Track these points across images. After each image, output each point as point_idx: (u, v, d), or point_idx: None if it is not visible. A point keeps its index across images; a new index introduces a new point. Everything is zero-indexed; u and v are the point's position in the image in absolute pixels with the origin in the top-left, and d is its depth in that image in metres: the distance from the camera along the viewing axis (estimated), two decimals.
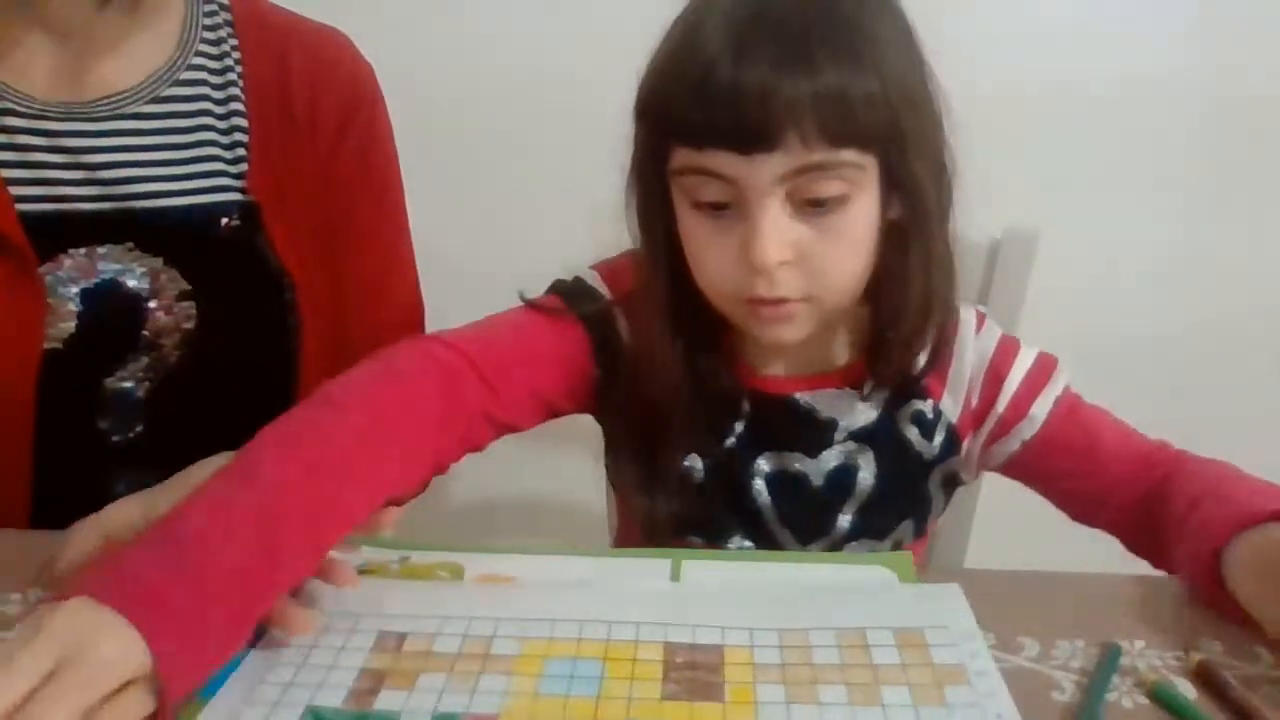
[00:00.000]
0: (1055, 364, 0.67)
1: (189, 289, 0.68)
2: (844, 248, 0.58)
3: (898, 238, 0.60)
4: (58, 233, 0.65)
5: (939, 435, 0.66)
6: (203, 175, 0.68)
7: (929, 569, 0.78)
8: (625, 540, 0.78)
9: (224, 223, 0.68)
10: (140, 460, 0.69)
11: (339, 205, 0.72)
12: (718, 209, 0.57)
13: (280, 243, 0.69)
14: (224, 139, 0.69)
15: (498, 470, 0.90)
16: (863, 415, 0.66)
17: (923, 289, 0.61)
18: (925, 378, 0.65)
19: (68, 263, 0.66)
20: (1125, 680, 0.48)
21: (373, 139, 0.74)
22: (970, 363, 0.66)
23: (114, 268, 0.66)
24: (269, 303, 0.70)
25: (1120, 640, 0.51)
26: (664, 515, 0.65)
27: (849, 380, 0.66)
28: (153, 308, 0.67)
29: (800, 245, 0.56)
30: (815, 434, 0.66)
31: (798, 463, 0.66)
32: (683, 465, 0.65)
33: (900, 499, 0.67)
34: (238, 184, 0.69)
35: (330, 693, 0.46)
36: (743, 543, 0.65)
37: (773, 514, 0.66)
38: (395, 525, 0.58)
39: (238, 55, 0.70)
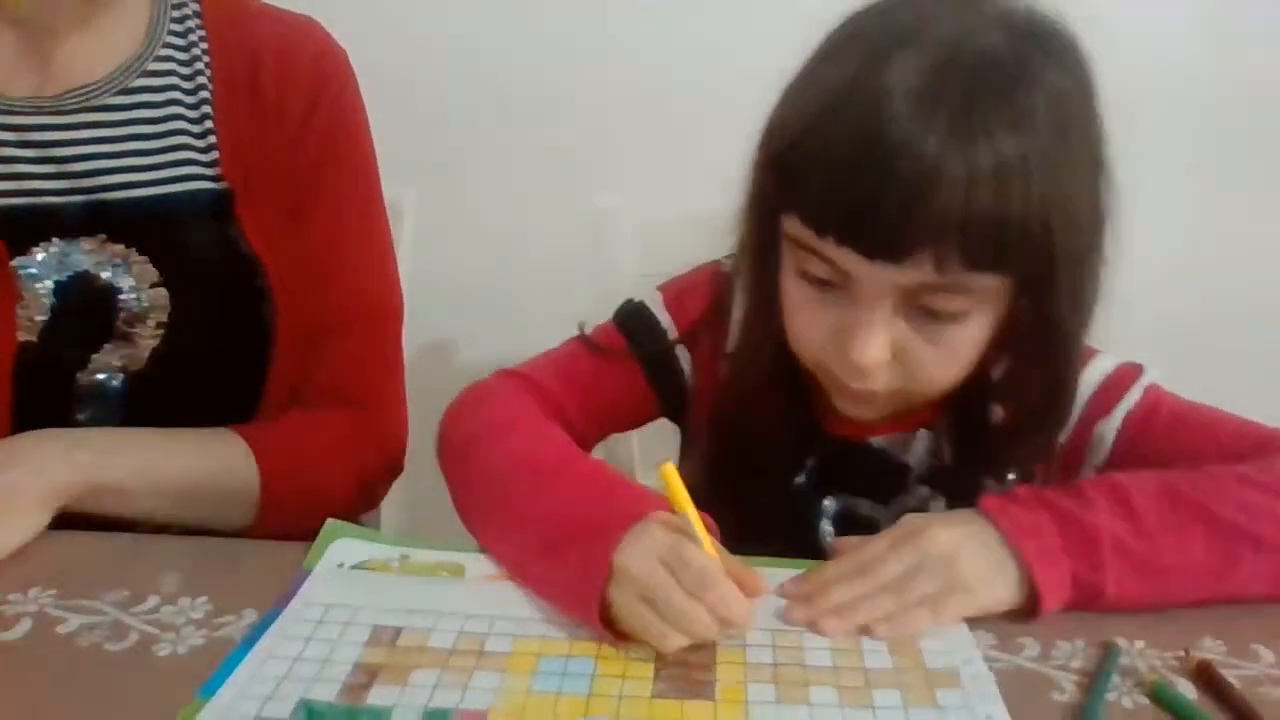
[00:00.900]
0: (1132, 376, 0.62)
1: (162, 279, 0.68)
2: (947, 357, 0.55)
3: (1024, 336, 0.55)
4: (29, 226, 0.66)
5: (1012, 474, 0.63)
6: (174, 165, 0.68)
7: None
8: None
9: (197, 211, 0.69)
10: None
11: (307, 187, 0.72)
12: (823, 284, 0.54)
13: (252, 230, 0.69)
14: (195, 127, 0.69)
15: None
16: (936, 458, 0.64)
17: (1044, 394, 0.57)
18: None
19: (40, 256, 0.66)
20: (1125, 680, 0.48)
21: (341, 121, 0.73)
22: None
23: (87, 259, 0.67)
24: (242, 290, 0.70)
25: (1120, 640, 0.50)
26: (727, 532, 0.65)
27: (927, 421, 0.63)
28: (126, 299, 0.68)
29: (901, 345, 0.54)
30: (888, 479, 0.64)
31: (867, 508, 0.65)
32: (752, 492, 0.64)
33: None
34: (210, 172, 0.69)
35: (324, 686, 0.46)
36: None
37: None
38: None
39: (205, 45, 0.71)
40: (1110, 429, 0.62)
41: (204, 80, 0.70)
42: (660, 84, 1.15)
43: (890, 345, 0.53)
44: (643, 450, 0.91)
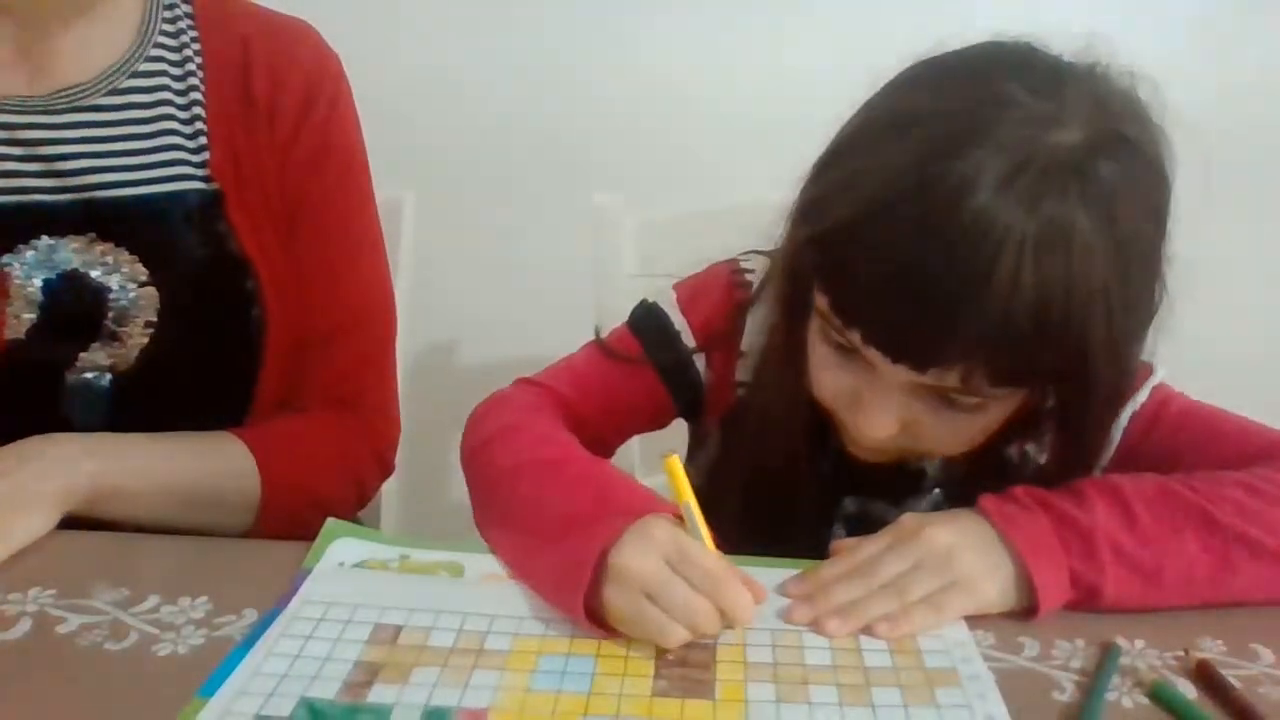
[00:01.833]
0: (1141, 376, 0.61)
1: (151, 278, 0.68)
2: (960, 436, 0.55)
3: (1056, 420, 0.56)
4: (18, 224, 0.66)
5: (1028, 475, 0.62)
6: (164, 164, 0.68)
7: None
8: None
9: (187, 211, 0.68)
10: None
11: (299, 191, 0.72)
12: (845, 349, 0.54)
13: (242, 230, 0.69)
14: (185, 128, 0.69)
15: None
16: (950, 463, 0.64)
17: (1072, 456, 0.57)
18: None
19: (29, 254, 0.66)
20: (1125, 680, 0.48)
21: (334, 127, 0.73)
22: None
23: (75, 258, 0.67)
24: (231, 290, 0.70)
25: (1120, 640, 0.50)
26: (738, 533, 0.64)
27: None
28: (114, 298, 0.68)
29: (912, 419, 0.54)
30: (904, 482, 0.64)
31: (882, 511, 0.65)
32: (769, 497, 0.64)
33: None
34: (200, 172, 0.69)
35: (325, 684, 0.46)
36: None
37: None
38: None
39: (197, 46, 0.70)
40: (1117, 429, 0.61)
41: (195, 82, 0.70)
42: (660, 83, 1.15)
43: (899, 422, 0.54)
44: (644, 450, 0.91)
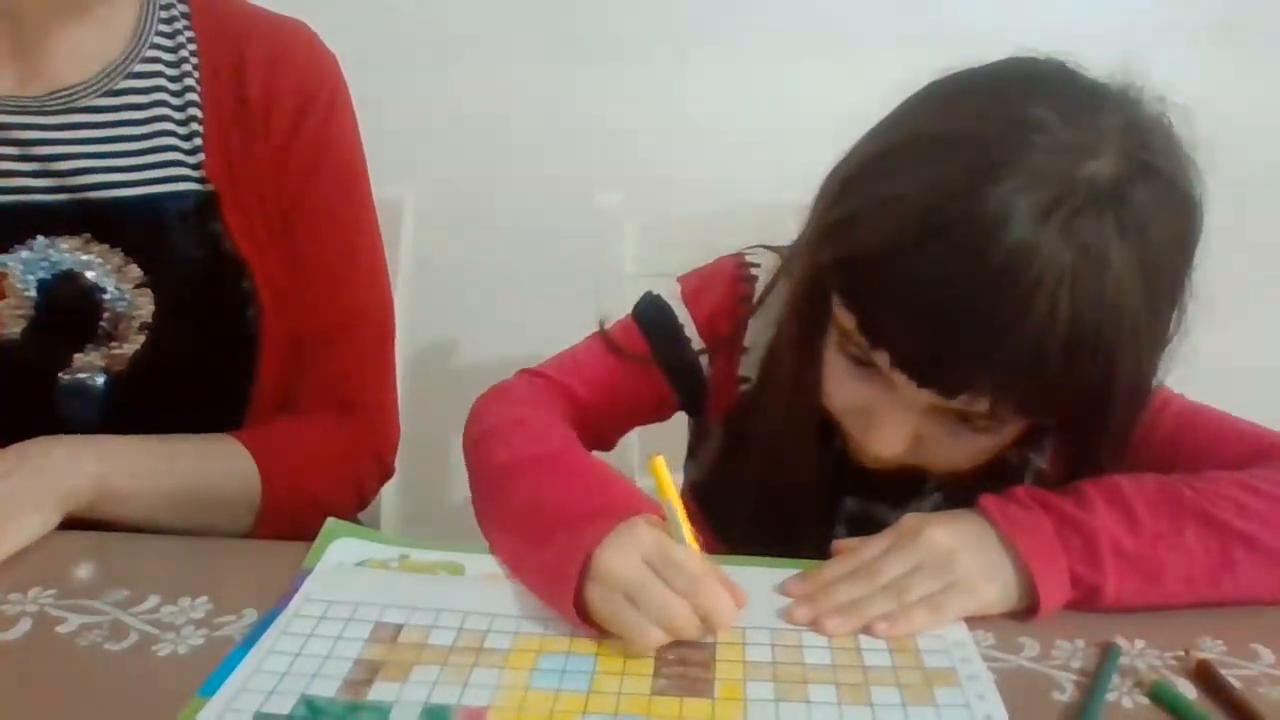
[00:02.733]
0: None
1: (146, 279, 0.68)
2: (969, 454, 0.55)
3: (1072, 443, 0.56)
4: (13, 224, 0.66)
5: (1028, 479, 0.62)
6: (159, 165, 0.68)
7: None
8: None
9: (182, 212, 0.68)
10: None
11: (296, 193, 0.72)
12: (862, 363, 0.54)
13: (237, 231, 0.69)
14: (180, 129, 0.69)
15: None
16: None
17: (1086, 467, 0.56)
18: None
19: (24, 254, 0.66)
20: (1125, 680, 0.48)
21: (330, 127, 0.73)
22: None
23: (70, 258, 0.67)
24: (227, 291, 0.70)
25: (1120, 640, 0.50)
26: (740, 532, 0.64)
27: None
28: (109, 298, 0.67)
29: (924, 436, 0.54)
30: (905, 484, 0.64)
31: (882, 512, 0.65)
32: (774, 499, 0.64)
33: None
34: (195, 173, 0.69)
35: (325, 682, 0.46)
36: None
37: None
38: None
39: (194, 47, 0.70)
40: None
41: (191, 83, 0.70)
42: (661, 83, 1.15)
43: (911, 439, 0.54)
44: (643, 449, 0.92)
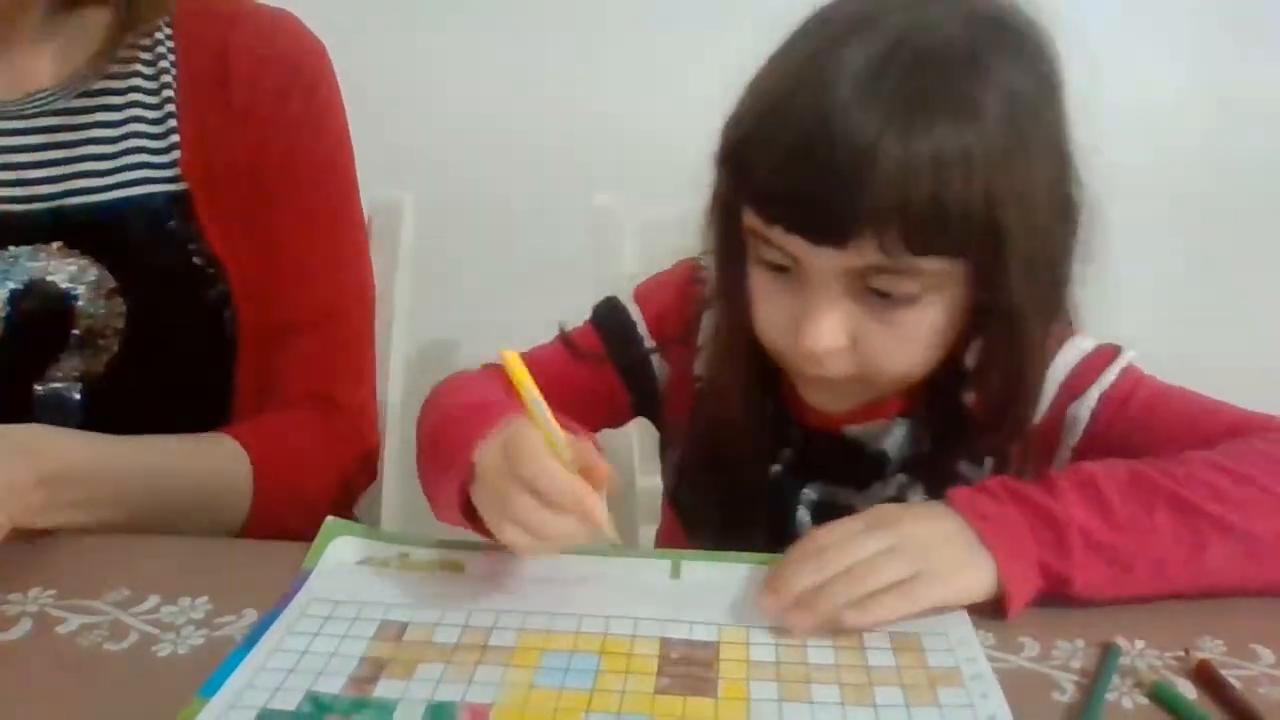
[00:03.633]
0: (1109, 357, 0.62)
1: (119, 286, 0.67)
2: (905, 343, 0.55)
3: (988, 322, 0.56)
4: None
5: (988, 460, 0.63)
6: (132, 168, 0.68)
7: None
8: (668, 537, 0.76)
9: (153, 216, 0.68)
10: None
11: (275, 179, 0.70)
12: (780, 269, 0.55)
13: (212, 232, 0.68)
14: (155, 129, 0.68)
15: None
16: (913, 446, 0.64)
17: (1007, 383, 0.57)
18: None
19: None
20: (1125, 680, 0.48)
21: (313, 113, 0.72)
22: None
23: (42, 267, 0.66)
24: (202, 295, 0.69)
25: (1120, 640, 0.50)
26: (709, 526, 0.64)
27: (902, 409, 0.63)
28: (83, 306, 0.67)
29: (856, 332, 0.54)
30: (865, 467, 0.64)
31: (846, 496, 0.65)
32: (731, 485, 0.64)
33: None
34: (168, 173, 0.68)
35: (331, 679, 0.46)
36: None
37: None
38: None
39: (171, 44, 0.69)
40: (1084, 410, 0.61)
41: (169, 78, 0.69)
42: (662, 83, 1.15)
43: (844, 331, 0.53)
44: (642, 448, 0.92)
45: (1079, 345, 0.62)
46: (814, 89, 0.50)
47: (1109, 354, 0.62)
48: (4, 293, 0.66)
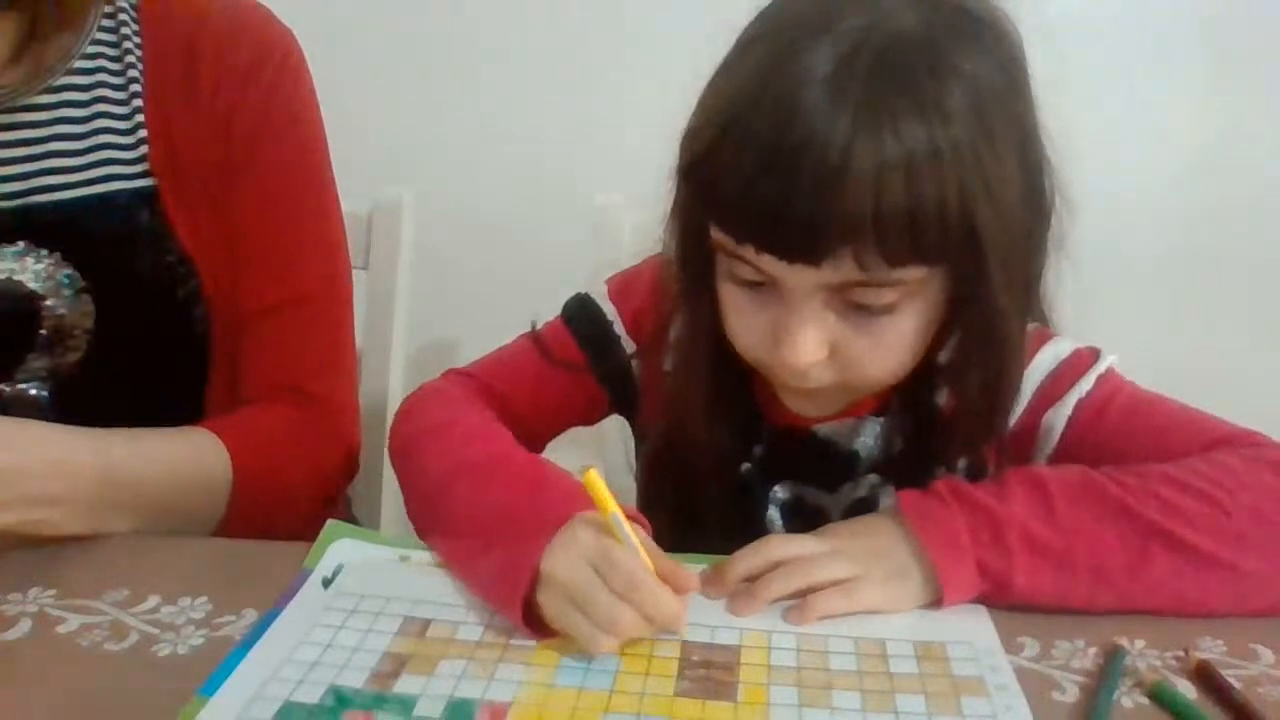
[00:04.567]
0: (1088, 362, 0.61)
1: (86, 285, 0.66)
2: (883, 350, 0.53)
3: (964, 318, 0.55)
4: None
5: (961, 462, 0.62)
6: (99, 164, 0.66)
7: None
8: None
9: (122, 214, 0.66)
10: None
11: (241, 163, 0.69)
12: (754, 285, 0.53)
13: (181, 228, 0.67)
14: (122, 124, 0.67)
15: None
16: (885, 446, 0.63)
17: (987, 381, 0.56)
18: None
19: None
20: (1125, 680, 0.48)
21: (280, 94, 0.70)
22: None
23: (7, 266, 0.65)
24: (172, 293, 0.68)
25: (1120, 640, 0.51)
26: (678, 526, 0.63)
27: (874, 408, 0.63)
28: (50, 305, 0.65)
29: (837, 342, 0.53)
30: (836, 467, 0.64)
31: (816, 497, 0.65)
32: (699, 485, 0.64)
33: None
34: (136, 169, 0.67)
35: (353, 673, 0.46)
36: None
37: None
38: None
39: (138, 40, 0.68)
40: (1060, 417, 0.60)
41: (135, 73, 0.68)
42: (661, 82, 1.15)
43: (824, 344, 0.52)
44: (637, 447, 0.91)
45: (1057, 348, 0.61)
46: (776, 98, 0.48)
47: (1088, 358, 0.61)
48: None
